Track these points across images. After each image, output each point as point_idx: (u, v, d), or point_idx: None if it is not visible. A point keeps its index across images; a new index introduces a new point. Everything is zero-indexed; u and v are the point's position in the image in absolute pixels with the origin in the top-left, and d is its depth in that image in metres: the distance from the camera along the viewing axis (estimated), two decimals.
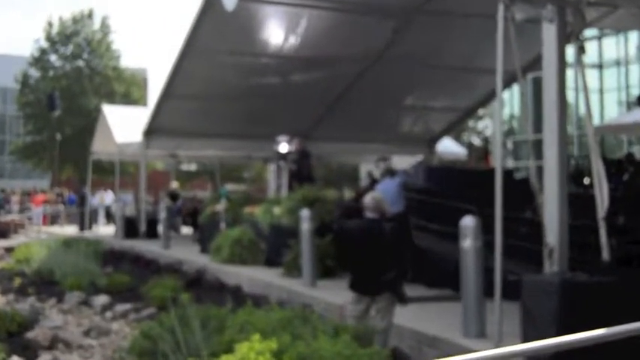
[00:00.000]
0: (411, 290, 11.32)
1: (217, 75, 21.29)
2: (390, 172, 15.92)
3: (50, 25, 55.93)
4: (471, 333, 8.74)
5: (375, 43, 19.97)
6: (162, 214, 23.40)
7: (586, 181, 18.81)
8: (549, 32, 8.00)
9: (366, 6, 17.87)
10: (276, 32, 19.43)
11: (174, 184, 31.18)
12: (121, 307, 13.10)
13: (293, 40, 19.60)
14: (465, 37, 19.46)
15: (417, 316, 9.86)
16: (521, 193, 15.54)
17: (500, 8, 7.87)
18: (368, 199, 8.87)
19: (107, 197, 37.73)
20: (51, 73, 55.83)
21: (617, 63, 35.48)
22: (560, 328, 6.96)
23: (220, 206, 20.06)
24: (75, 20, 55.71)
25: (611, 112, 34.85)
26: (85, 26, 55.97)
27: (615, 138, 33.58)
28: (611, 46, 35.68)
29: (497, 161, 8.16)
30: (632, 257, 11.28)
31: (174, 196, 29.66)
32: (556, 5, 7.92)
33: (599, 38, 35.39)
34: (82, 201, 33.81)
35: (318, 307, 11.07)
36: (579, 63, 8.58)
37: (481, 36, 18.14)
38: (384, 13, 18.24)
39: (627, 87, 35.28)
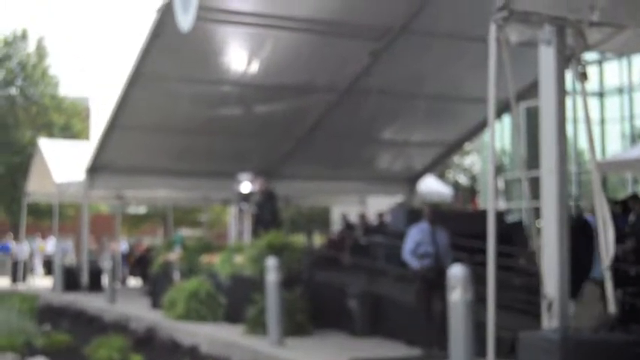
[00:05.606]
0: (385, 347, 11.31)
1: (170, 105, 21.22)
2: None
3: None
4: None
5: (350, 69, 20.06)
6: (108, 264, 23.20)
7: None
8: (547, 56, 8.06)
9: (341, 26, 17.92)
10: (237, 57, 19.45)
11: None
12: None
13: (257, 66, 19.61)
14: (450, 62, 19.61)
15: None
16: (514, 238, 15.63)
17: (493, 29, 7.90)
18: None
19: (48, 245, 37.42)
20: None
21: (620, 91, 35.71)
22: None
23: (174, 254, 19.94)
24: (7, 42, 55.40)
25: (614, 146, 35.06)
26: (19, 49, 55.70)
27: (618, 176, 33.74)
28: (613, 72, 35.90)
29: (490, 202, 8.13)
30: None
31: None
32: (555, 25, 7.99)
33: (600, 63, 35.65)
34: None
35: None
36: (581, 90, 8.63)
37: (468, 61, 18.35)
38: (363, 35, 18.31)
39: (631, 117, 35.46)
